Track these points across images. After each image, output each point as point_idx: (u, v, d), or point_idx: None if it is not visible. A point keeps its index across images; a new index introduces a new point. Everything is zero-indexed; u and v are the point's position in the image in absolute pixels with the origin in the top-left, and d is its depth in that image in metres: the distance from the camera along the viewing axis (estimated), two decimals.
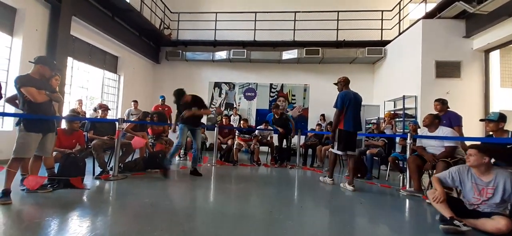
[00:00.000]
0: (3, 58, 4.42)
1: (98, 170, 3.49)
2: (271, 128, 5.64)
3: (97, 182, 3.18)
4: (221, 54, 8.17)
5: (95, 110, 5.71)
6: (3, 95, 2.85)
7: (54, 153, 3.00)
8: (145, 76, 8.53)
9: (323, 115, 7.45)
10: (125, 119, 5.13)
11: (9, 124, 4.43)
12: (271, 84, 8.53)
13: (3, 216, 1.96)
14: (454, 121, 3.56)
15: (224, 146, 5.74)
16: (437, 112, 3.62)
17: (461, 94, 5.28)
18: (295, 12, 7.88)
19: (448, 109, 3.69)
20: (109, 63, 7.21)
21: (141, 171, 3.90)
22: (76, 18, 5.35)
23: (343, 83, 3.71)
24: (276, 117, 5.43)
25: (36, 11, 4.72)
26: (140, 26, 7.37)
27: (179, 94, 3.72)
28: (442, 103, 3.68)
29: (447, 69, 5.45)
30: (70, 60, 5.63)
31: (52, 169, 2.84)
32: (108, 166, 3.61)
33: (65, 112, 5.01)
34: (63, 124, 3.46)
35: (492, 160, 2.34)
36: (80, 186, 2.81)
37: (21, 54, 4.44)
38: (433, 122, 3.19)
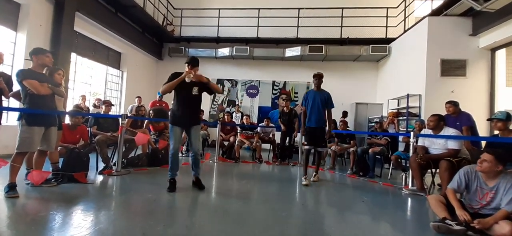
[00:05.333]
0: (8, 53, 4.45)
1: (101, 165, 3.52)
2: (273, 125, 5.62)
3: (101, 177, 3.20)
4: (224, 51, 8.15)
5: (94, 106, 5.74)
6: (12, 90, 2.90)
7: (59, 148, 3.02)
8: (148, 72, 8.55)
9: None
10: (128, 115, 5.16)
11: (14, 119, 4.48)
12: (273, 82, 8.50)
13: (8, 210, 1.98)
14: (464, 121, 3.52)
15: (226, 143, 5.75)
16: (450, 114, 3.58)
17: (466, 93, 5.22)
18: (299, 8, 7.82)
19: (462, 111, 3.65)
20: (112, 59, 7.23)
21: (144, 166, 3.92)
22: (79, 13, 5.36)
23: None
24: (285, 110, 5.39)
25: (40, 6, 4.73)
26: (143, 22, 7.37)
27: (194, 59, 2.80)
28: (454, 105, 3.66)
29: (453, 68, 5.38)
30: (73, 55, 5.65)
31: (57, 164, 2.87)
32: (111, 161, 3.64)
33: (69, 107, 5.05)
34: (67, 120, 3.48)
35: None
36: (84, 181, 2.84)
37: (25, 49, 4.47)
38: (439, 124, 3.13)
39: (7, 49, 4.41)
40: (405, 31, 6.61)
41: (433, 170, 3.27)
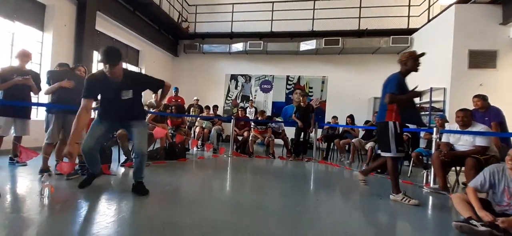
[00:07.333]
0: (36, 52, 4.74)
1: (123, 158, 3.69)
2: (280, 120, 5.57)
3: (122, 169, 3.36)
4: (238, 46, 8.16)
5: None
6: (40, 88, 3.12)
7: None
8: (165, 69, 8.77)
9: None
10: (146, 110, 5.34)
11: (43, 113, 4.78)
12: (287, 76, 8.41)
13: (39, 197, 2.13)
14: (493, 117, 3.31)
15: (240, 138, 5.80)
16: (478, 109, 3.39)
17: (496, 86, 4.87)
18: (314, 0, 7.62)
19: (491, 106, 3.44)
20: (131, 56, 7.49)
21: (162, 160, 4.06)
22: (100, 13, 5.58)
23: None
24: (303, 105, 5.32)
25: (64, 7, 4.98)
26: (159, 19, 7.54)
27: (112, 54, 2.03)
28: (482, 99, 3.45)
29: (481, 59, 5.03)
30: (95, 54, 5.91)
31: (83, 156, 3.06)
32: (132, 154, 3.79)
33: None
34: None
35: None
36: (107, 172, 3.00)
37: (52, 48, 4.74)
38: (470, 120, 2.94)
39: (35, 49, 4.70)
40: (429, 21, 6.24)
41: (458, 168, 3.10)
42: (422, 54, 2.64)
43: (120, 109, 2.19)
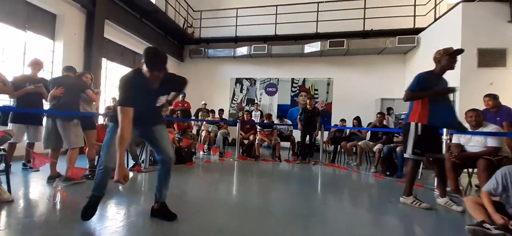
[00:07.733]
0: (48, 61, 4.88)
1: (131, 162, 3.74)
2: (290, 122, 5.57)
3: (131, 174, 3.40)
4: (242, 50, 8.20)
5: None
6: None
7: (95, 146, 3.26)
8: None
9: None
10: None
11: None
12: (292, 79, 8.40)
13: (49, 202, 2.18)
14: (505, 116, 3.24)
15: (246, 141, 5.81)
16: (489, 108, 3.32)
17: (506, 85, 4.75)
18: (318, 2, 7.62)
19: (502, 105, 3.37)
20: (139, 62, 7.62)
21: None
22: (108, 21, 5.72)
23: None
24: (309, 108, 5.32)
25: (74, 16, 5.12)
26: (165, 26, 7.68)
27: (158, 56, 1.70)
28: (493, 98, 3.38)
29: (491, 57, 4.93)
30: (104, 61, 6.05)
31: (93, 161, 3.12)
32: (140, 159, 3.85)
33: (101, 109, 5.42)
34: (100, 120, 3.76)
35: None
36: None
37: (63, 56, 4.88)
38: (481, 121, 2.89)
39: (46, 57, 4.83)
40: (435, 20, 6.15)
41: (470, 170, 3.03)
42: (459, 51, 2.46)
43: (151, 115, 1.92)
